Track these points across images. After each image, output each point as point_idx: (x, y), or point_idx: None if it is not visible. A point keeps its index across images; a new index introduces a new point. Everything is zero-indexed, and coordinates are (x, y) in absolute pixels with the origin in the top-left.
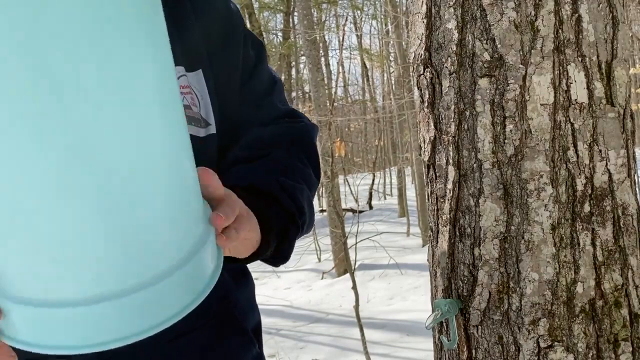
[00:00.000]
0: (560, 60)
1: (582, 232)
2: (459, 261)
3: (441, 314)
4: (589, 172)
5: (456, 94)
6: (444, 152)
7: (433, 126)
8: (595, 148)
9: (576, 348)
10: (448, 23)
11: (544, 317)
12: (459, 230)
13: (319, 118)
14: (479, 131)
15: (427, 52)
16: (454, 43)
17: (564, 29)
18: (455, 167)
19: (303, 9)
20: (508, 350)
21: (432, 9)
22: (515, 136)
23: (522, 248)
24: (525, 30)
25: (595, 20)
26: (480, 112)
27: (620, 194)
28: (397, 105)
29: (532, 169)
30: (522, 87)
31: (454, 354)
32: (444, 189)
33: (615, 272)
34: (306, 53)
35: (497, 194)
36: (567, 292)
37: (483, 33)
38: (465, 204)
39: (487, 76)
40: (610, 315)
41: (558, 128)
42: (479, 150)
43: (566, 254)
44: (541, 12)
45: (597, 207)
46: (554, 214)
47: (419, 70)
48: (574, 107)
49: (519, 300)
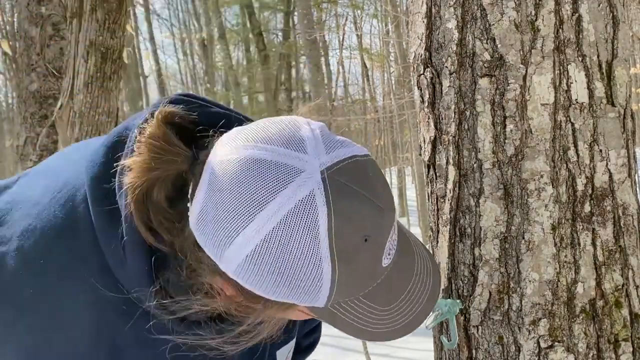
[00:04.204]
0: (560, 60)
1: (582, 232)
2: (459, 261)
3: (441, 314)
4: (590, 172)
5: (456, 93)
6: (444, 152)
7: (433, 126)
8: (596, 148)
9: (576, 348)
10: (448, 23)
11: (544, 317)
12: (459, 230)
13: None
14: (479, 131)
15: (427, 52)
16: (454, 43)
17: (564, 28)
18: (455, 167)
19: (303, 9)
20: (508, 351)
21: (432, 9)
22: (515, 136)
23: (522, 248)
24: (526, 30)
25: (596, 20)
26: (480, 112)
27: (621, 194)
28: (397, 105)
29: (533, 168)
30: (523, 87)
31: (454, 354)
32: (444, 188)
33: (615, 272)
34: (306, 53)
35: (497, 194)
36: (568, 292)
37: (483, 33)
38: (465, 204)
39: (488, 76)
40: (611, 315)
41: (558, 128)
42: (479, 150)
43: (566, 254)
44: (541, 11)
45: (597, 207)
46: (554, 214)
47: (419, 70)
48: (575, 107)
49: (519, 300)
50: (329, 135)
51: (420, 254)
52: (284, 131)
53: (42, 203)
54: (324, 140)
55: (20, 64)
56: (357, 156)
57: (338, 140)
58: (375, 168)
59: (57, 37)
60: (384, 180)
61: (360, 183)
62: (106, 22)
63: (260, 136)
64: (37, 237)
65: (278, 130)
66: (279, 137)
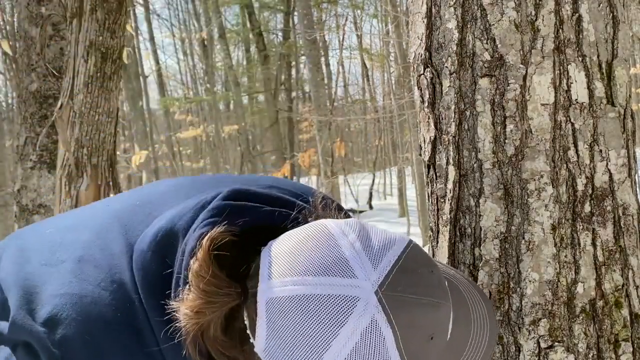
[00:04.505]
0: (560, 60)
1: (582, 232)
2: (459, 261)
3: None
4: (590, 172)
5: (456, 93)
6: (444, 152)
7: (433, 126)
8: (596, 148)
9: (577, 348)
10: (448, 23)
11: (544, 317)
12: (459, 231)
13: (319, 118)
14: (479, 131)
15: (427, 52)
16: (454, 43)
17: (564, 28)
18: (455, 167)
19: (303, 9)
20: (508, 351)
21: (432, 9)
22: (515, 136)
23: (522, 248)
24: (526, 30)
25: (596, 20)
26: (480, 112)
27: (621, 194)
28: (397, 105)
29: (533, 169)
30: (523, 87)
31: None
32: (444, 189)
33: (615, 273)
34: (306, 53)
35: (497, 194)
36: (568, 293)
37: (483, 33)
38: (465, 204)
39: (488, 76)
40: (611, 315)
41: (558, 128)
42: (479, 150)
43: (567, 254)
44: (541, 11)
45: (597, 207)
46: (554, 214)
47: (419, 70)
48: (575, 107)
49: (519, 300)
50: (368, 242)
51: (470, 296)
52: (326, 256)
53: (100, 303)
54: (367, 252)
55: (20, 64)
56: (401, 256)
57: (379, 246)
58: (418, 254)
59: (57, 37)
60: (429, 262)
61: (413, 287)
62: (106, 22)
63: (304, 267)
64: (99, 344)
65: (320, 256)
66: (323, 264)
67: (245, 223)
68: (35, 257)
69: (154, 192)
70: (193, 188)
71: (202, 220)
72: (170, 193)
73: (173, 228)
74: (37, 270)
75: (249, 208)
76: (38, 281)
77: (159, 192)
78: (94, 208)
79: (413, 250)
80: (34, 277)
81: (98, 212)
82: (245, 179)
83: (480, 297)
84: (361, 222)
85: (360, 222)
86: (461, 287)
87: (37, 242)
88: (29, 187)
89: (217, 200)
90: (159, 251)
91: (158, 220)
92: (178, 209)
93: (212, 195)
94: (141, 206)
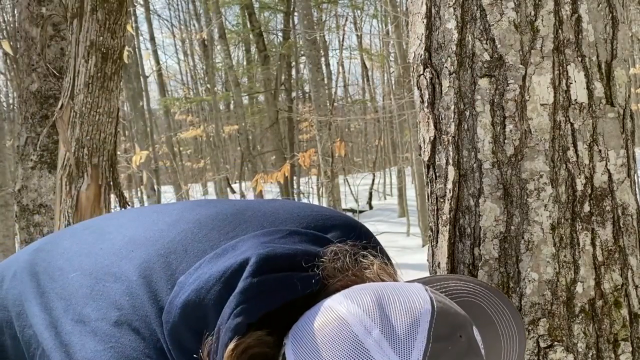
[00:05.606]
0: (560, 60)
1: (582, 232)
2: (459, 261)
3: None
4: (589, 172)
5: (456, 94)
6: (443, 152)
7: (433, 126)
8: (595, 148)
9: (576, 348)
10: (448, 23)
11: (543, 317)
12: (459, 230)
13: (319, 118)
14: (478, 131)
15: (427, 52)
16: (454, 43)
17: (563, 29)
18: (455, 167)
19: (303, 9)
20: None
21: (432, 9)
22: (515, 136)
23: (521, 248)
24: (525, 30)
25: (595, 20)
26: (480, 112)
27: (620, 194)
28: (397, 105)
29: (532, 169)
30: (522, 87)
31: None
32: (444, 189)
33: (615, 272)
34: (306, 53)
35: (497, 194)
36: (567, 292)
37: (483, 33)
38: (465, 204)
39: (487, 76)
40: (610, 315)
41: (558, 128)
42: (478, 150)
43: (566, 254)
44: (541, 12)
45: (596, 207)
46: (553, 214)
47: (418, 70)
48: (574, 107)
49: (518, 300)
50: (393, 334)
51: (498, 315)
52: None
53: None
54: (395, 348)
55: (21, 64)
56: (429, 338)
57: (405, 333)
58: (443, 322)
59: (57, 38)
60: (456, 324)
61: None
62: (107, 23)
63: None
64: None
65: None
66: None
67: (275, 304)
68: (60, 306)
69: (175, 234)
70: (214, 229)
71: (234, 306)
72: (191, 238)
73: (202, 302)
74: (68, 327)
75: (278, 287)
76: (69, 340)
77: (180, 232)
78: (113, 245)
79: (439, 320)
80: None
81: (123, 261)
82: (265, 216)
83: (508, 310)
84: (377, 299)
85: (375, 298)
86: (485, 303)
87: (61, 287)
88: (30, 187)
89: (247, 277)
90: (187, 324)
91: (182, 285)
92: (203, 277)
93: (239, 260)
94: (165, 256)
